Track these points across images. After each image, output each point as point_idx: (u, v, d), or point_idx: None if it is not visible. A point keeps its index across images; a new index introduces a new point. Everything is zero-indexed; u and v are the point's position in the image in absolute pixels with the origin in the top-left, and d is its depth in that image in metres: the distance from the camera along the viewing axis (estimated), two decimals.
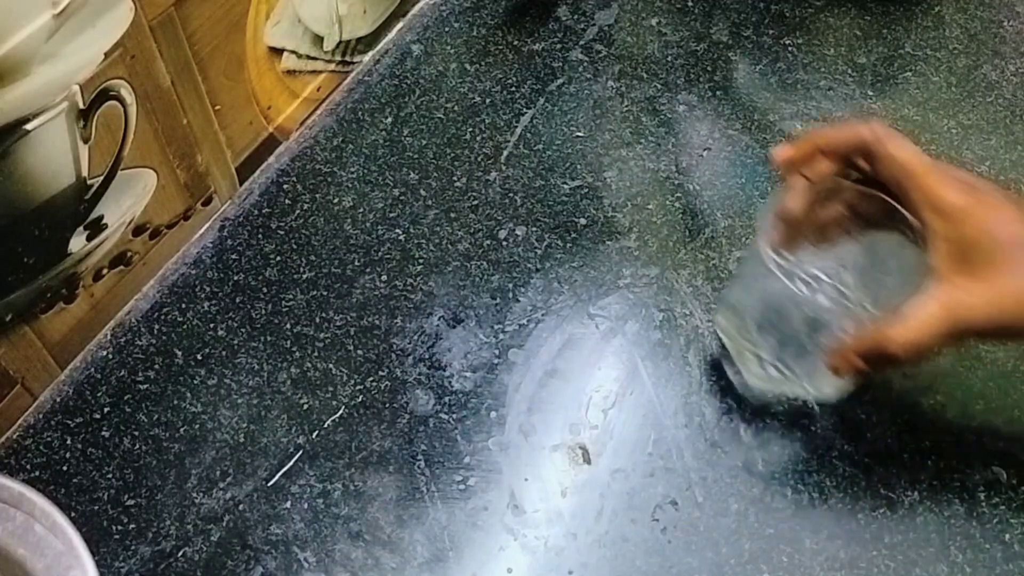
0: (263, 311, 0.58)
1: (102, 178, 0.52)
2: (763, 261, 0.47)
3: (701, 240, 0.61)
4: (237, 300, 0.58)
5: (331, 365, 0.56)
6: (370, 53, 0.72)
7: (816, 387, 0.52)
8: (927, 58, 0.72)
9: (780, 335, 0.50)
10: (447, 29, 0.74)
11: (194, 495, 0.51)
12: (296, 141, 0.67)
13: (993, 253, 0.42)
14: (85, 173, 0.50)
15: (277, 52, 0.62)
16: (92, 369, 0.55)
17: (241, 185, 0.64)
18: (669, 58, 0.72)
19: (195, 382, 0.55)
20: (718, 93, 0.70)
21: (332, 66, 0.68)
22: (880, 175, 0.46)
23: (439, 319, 0.57)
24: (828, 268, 0.53)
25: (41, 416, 0.53)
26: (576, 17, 0.75)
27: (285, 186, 0.64)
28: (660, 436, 0.53)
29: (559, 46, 0.73)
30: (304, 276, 0.59)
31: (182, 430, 0.53)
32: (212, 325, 0.57)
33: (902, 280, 0.48)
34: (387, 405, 0.54)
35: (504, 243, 0.61)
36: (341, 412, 0.54)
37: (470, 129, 0.67)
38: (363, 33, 0.70)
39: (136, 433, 0.53)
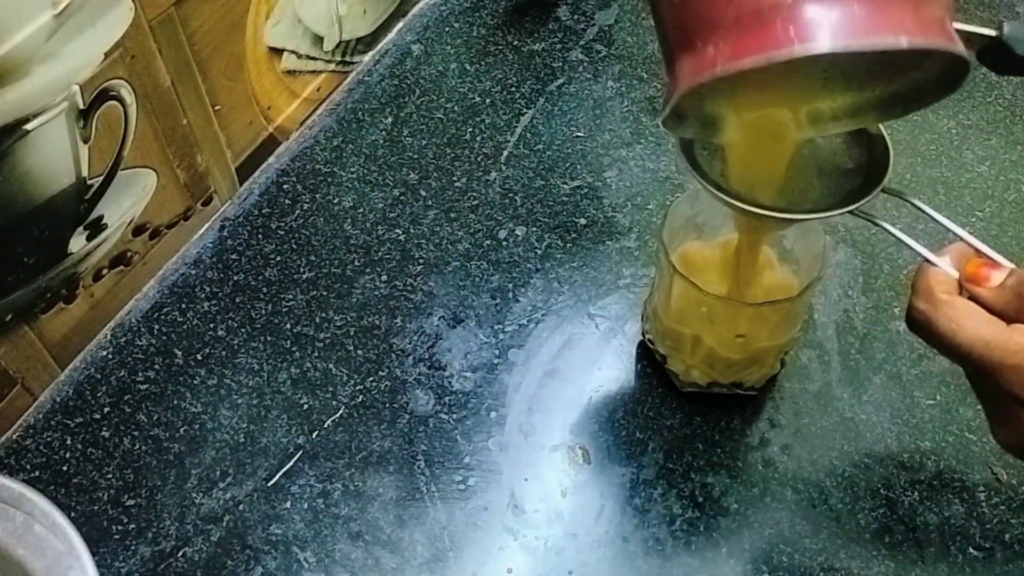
0: (263, 311, 0.58)
1: (102, 178, 0.52)
2: (668, 264, 0.48)
3: None
4: (237, 300, 0.58)
5: (331, 365, 0.56)
6: (370, 53, 0.72)
7: (741, 380, 0.52)
8: None
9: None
10: (447, 29, 0.74)
11: (194, 495, 0.51)
12: (296, 141, 0.67)
13: None
14: (85, 173, 0.50)
15: (277, 52, 0.62)
16: (92, 369, 0.55)
17: (241, 185, 0.64)
18: None
19: (195, 382, 0.55)
20: None
21: (332, 66, 0.68)
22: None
23: (439, 319, 0.57)
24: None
25: (41, 416, 0.53)
26: (576, 17, 0.75)
27: (285, 186, 0.64)
28: (660, 436, 0.53)
29: (559, 46, 0.73)
30: (304, 276, 0.59)
31: (182, 430, 0.53)
32: (212, 325, 0.57)
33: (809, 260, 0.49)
34: (387, 405, 0.54)
35: (504, 243, 0.61)
36: (341, 412, 0.54)
37: (470, 129, 0.67)
38: (363, 33, 0.70)
39: (136, 433, 0.53)
